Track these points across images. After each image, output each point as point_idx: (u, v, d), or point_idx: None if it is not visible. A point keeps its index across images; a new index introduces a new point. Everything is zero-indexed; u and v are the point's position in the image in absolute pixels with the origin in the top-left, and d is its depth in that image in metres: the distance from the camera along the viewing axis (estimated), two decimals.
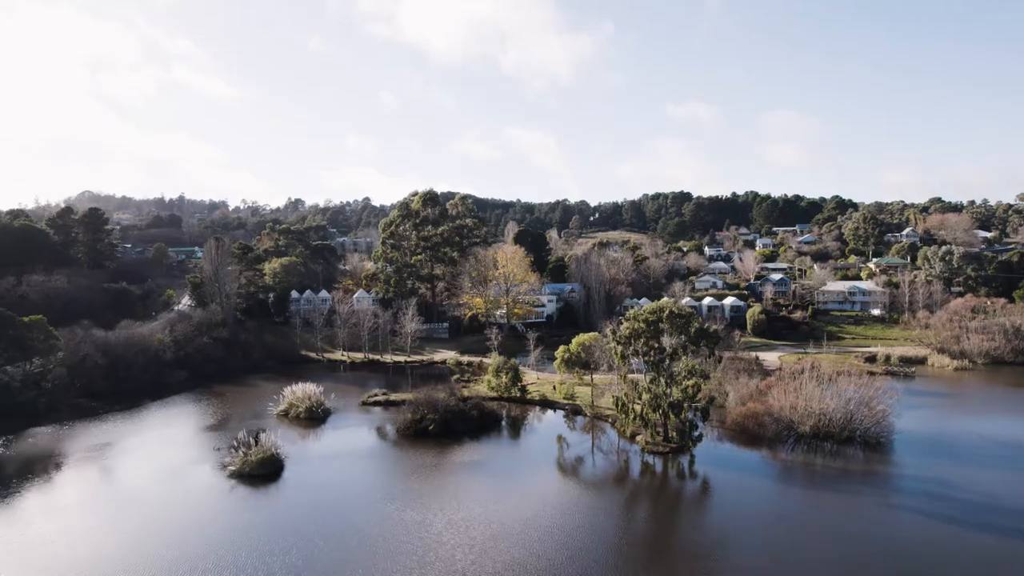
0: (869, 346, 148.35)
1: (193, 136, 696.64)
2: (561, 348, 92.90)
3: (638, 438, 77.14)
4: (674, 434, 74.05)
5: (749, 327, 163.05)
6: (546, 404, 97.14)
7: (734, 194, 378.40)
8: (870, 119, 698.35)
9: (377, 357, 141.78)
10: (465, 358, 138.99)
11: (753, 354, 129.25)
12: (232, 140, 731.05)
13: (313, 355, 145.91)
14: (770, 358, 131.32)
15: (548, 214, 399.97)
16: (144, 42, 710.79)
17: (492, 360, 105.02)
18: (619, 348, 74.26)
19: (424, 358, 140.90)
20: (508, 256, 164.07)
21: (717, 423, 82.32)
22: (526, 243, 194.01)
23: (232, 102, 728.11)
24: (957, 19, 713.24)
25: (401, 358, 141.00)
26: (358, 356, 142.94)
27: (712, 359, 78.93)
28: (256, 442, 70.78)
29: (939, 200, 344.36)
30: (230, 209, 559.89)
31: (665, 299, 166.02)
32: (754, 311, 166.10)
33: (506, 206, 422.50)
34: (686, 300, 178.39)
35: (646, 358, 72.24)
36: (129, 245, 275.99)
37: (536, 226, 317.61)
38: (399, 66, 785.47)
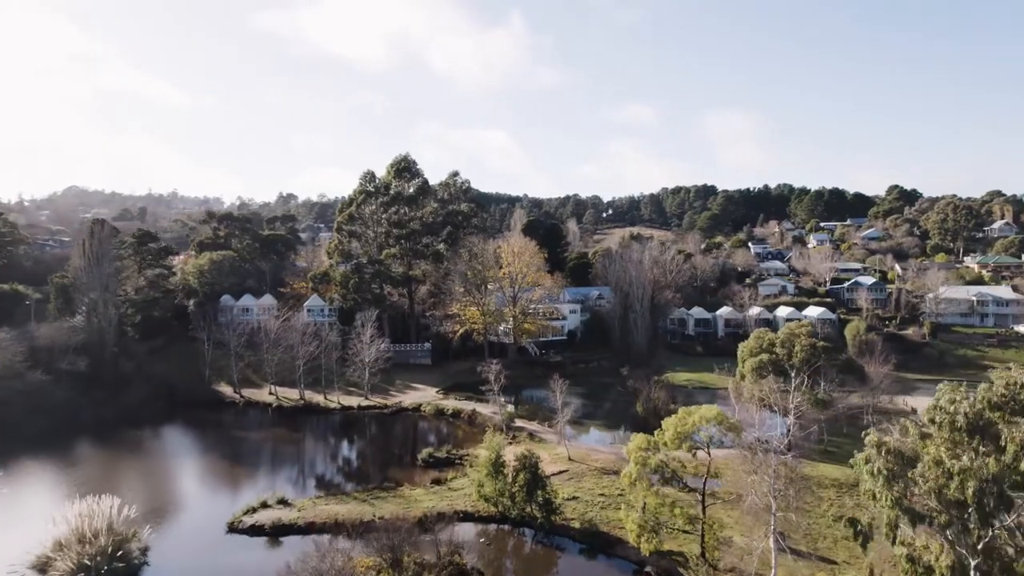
0: None
1: (156, 137, 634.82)
2: (639, 441, 40.65)
3: None
4: None
5: (850, 349, 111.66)
6: (597, 542, 45.74)
7: (766, 186, 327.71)
8: (828, 114, 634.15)
9: (319, 398, 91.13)
10: (451, 402, 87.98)
11: (886, 397, 78.69)
12: (193, 142, 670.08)
13: (228, 392, 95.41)
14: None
15: (558, 209, 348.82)
16: (70, 46, 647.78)
17: (488, 439, 53.90)
18: (893, 513, 23.18)
19: (388, 402, 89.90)
20: (515, 251, 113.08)
21: None
22: (537, 236, 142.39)
23: (183, 107, 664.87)
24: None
25: (355, 400, 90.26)
26: (292, 396, 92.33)
27: None
28: None
29: (1000, 193, 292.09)
30: (225, 206, 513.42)
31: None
32: (856, 327, 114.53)
33: (512, 200, 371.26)
34: (755, 311, 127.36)
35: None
36: (68, 239, 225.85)
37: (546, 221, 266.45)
38: (335, 75, 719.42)
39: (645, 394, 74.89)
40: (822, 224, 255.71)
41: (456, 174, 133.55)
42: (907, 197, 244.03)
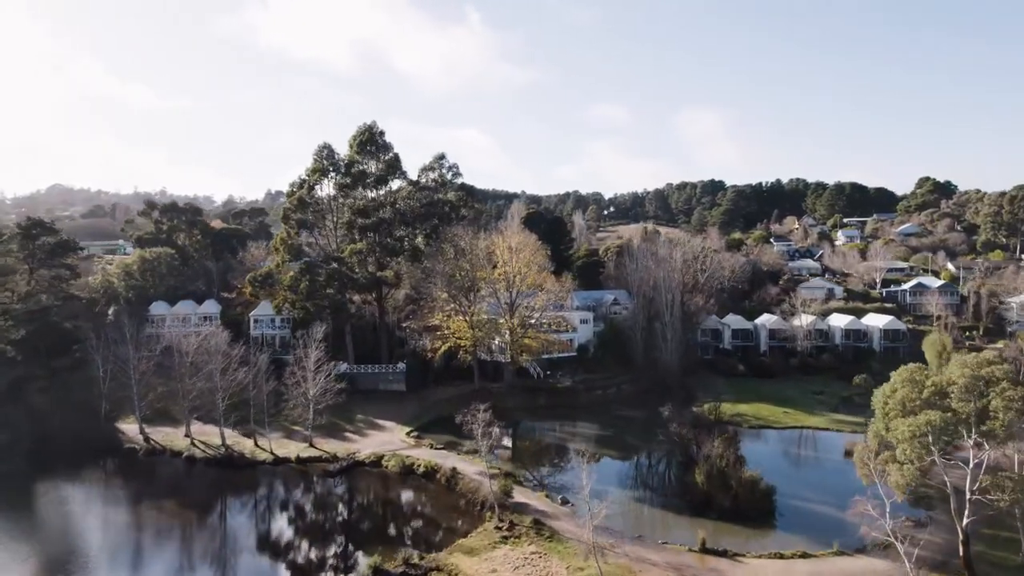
0: None
1: (148, 138, 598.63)
2: None
3: None
4: None
5: (933, 367, 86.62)
6: None
7: (778, 181, 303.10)
8: (823, 112, 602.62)
9: (248, 444, 65.88)
10: (424, 452, 62.68)
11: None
12: (193, 143, 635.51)
13: (132, 433, 70.15)
14: None
15: (558, 205, 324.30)
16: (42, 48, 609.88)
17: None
18: None
19: (340, 450, 64.40)
20: (513, 247, 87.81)
21: None
22: (539, 231, 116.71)
23: (177, 109, 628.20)
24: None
25: (295, 447, 65.00)
26: (214, 440, 66.99)
27: None
28: None
29: None
30: (215, 204, 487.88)
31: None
32: (940, 341, 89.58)
33: (508, 197, 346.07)
34: (807, 320, 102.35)
35: None
36: None
37: None
38: (311, 78, 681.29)
39: (705, 454, 49.74)
40: (846, 220, 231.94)
41: (442, 157, 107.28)
42: (942, 190, 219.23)
